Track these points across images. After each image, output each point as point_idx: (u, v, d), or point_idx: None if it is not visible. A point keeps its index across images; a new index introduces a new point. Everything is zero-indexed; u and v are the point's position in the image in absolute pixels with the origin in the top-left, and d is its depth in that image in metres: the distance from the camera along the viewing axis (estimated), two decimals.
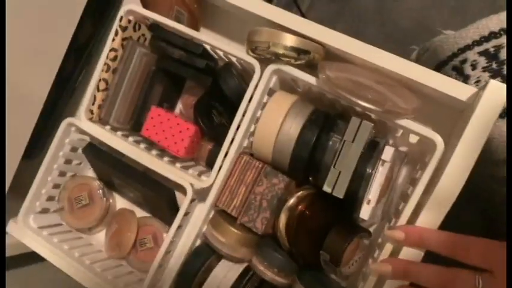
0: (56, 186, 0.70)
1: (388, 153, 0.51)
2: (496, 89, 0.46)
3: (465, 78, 0.61)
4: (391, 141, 0.58)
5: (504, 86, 0.46)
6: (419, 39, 1.32)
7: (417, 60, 0.78)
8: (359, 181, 0.51)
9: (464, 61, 0.61)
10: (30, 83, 0.64)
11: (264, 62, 0.58)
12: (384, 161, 0.51)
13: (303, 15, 1.19)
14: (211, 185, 0.59)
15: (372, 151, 0.51)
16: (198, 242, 0.62)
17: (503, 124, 0.58)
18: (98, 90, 0.63)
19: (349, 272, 0.56)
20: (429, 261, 0.47)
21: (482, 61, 0.60)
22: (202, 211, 0.60)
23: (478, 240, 0.44)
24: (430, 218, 0.49)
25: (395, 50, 0.55)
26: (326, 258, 0.54)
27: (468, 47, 0.61)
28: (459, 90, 0.50)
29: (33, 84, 0.65)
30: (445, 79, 0.51)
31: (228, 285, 0.56)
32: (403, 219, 0.51)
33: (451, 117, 0.56)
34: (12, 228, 0.67)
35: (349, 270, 0.56)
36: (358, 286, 0.54)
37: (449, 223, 0.51)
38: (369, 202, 0.51)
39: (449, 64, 0.64)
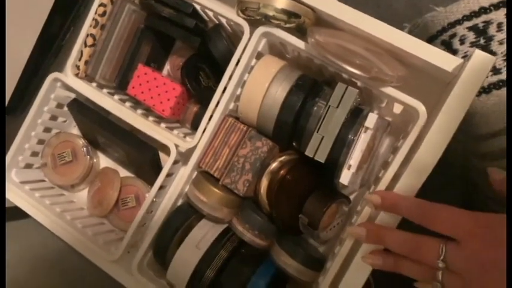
0: (40, 142, 0.69)
1: (371, 120, 0.51)
2: (480, 59, 0.47)
3: (453, 53, 0.61)
4: (375, 111, 0.58)
5: (488, 56, 0.47)
6: (413, 20, 1.32)
7: None
8: (341, 146, 0.52)
9: (453, 36, 0.62)
10: (12, 40, 0.63)
11: (254, 25, 0.57)
12: (366, 128, 0.51)
13: None
14: (195, 146, 0.59)
15: (355, 118, 0.52)
16: (180, 202, 0.63)
17: (486, 99, 0.59)
18: (85, 45, 0.62)
19: (327, 237, 0.57)
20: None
21: (471, 36, 0.60)
22: (185, 172, 0.60)
23: (447, 208, 0.43)
24: (408, 185, 0.50)
25: None
26: (305, 221, 0.55)
27: (458, 22, 0.61)
28: (445, 61, 0.51)
29: (15, 42, 0.64)
30: (431, 49, 0.51)
31: (207, 243, 0.57)
32: (382, 186, 0.52)
33: (436, 89, 0.57)
34: None
35: (327, 234, 0.57)
36: (335, 250, 0.55)
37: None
38: (349, 168, 0.52)
39: (439, 39, 0.64)
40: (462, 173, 0.74)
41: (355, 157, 0.51)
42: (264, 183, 0.58)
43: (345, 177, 0.52)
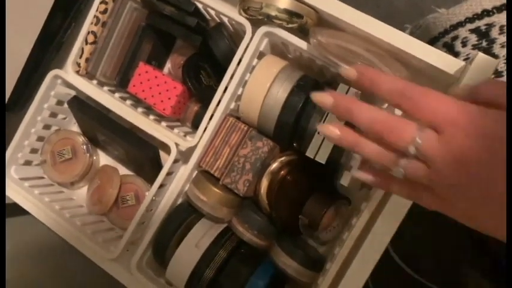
0: (40, 139, 0.69)
1: None
2: (483, 62, 0.47)
3: (455, 55, 0.61)
4: None
5: (491, 59, 0.47)
6: (414, 21, 1.31)
7: None
8: (342, 148, 0.51)
9: (455, 38, 0.62)
10: (13, 37, 0.63)
11: (256, 25, 0.57)
12: None
13: None
14: (196, 145, 0.59)
15: None
16: (180, 201, 0.63)
17: None
18: (86, 43, 0.62)
19: (326, 238, 0.57)
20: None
21: (473, 38, 0.60)
22: (185, 171, 0.60)
23: (431, 92, 0.37)
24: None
25: None
26: (305, 222, 0.55)
27: (460, 24, 0.61)
28: (447, 63, 0.51)
29: (16, 38, 0.63)
30: (433, 51, 0.51)
31: (207, 243, 0.57)
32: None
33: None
34: None
35: (326, 235, 0.57)
36: (335, 251, 0.55)
37: None
38: (350, 169, 0.52)
39: (441, 41, 0.64)
40: None
41: (356, 158, 0.51)
42: (264, 183, 0.57)
43: (346, 178, 0.52)
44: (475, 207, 0.36)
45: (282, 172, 0.58)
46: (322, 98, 0.41)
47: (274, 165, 0.58)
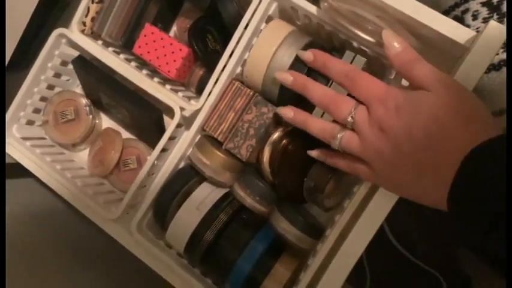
0: (43, 99, 0.69)
1: None
2: (495, 30, 0.46)
3: None
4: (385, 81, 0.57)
5: (503, 27, 0.46)
6: None
7: None
8: None
9: (465, 11, 0.61)
10: None
11: None
12: None
13: None
14: (200, 109, 0.59)
15: None
16: (182, 165, 0.62)
17: (495, 76, 0.58)
18: (93, 1, 0.62)
19: (329, 204, 0.57)
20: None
21: (484, 12, 0.59)
22: (188, 134, 0.60)
23: (368, 76, 0.46)
24: None
25: None
26: (310, 185, 0.55)
27: None
28: (458, 32, 0.50)
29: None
30: (444, 20, 0.50)
31: (207, 207, 0.57)
32: None
33: (446, 63, 0.56)
34: None
35: (330, 202, 0.57)
36: (335, 218, 0.55)
37: None
38: None
39: (451, 14, 0.63)
40: None
41: None
42: (266, 153, 0.57)
43: None
44: (400, 176, 0.43)
45: (284, 141, 0.58)
46: (283, 75, 0.50)
47: (276, 135, 0.58)
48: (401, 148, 0.41)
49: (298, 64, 0.54)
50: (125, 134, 0.71)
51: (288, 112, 0.50)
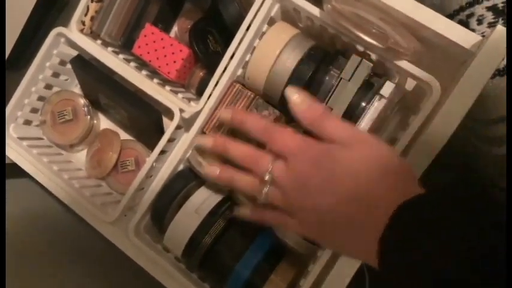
0: (41, 98, 0.68)
1: (387, 88, 0.50)
2: (501, 34, 0.46)
3: None
4: None
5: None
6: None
7: None
8: (352, 113, 0.51)
9: (470, 15, 0.60)
10: None
11: None
12: (381, 96, 0.50)
13: None
14: (200, 111, 0.58)
15: (371, 85, 0.51)
16: (181, 168, 0.62)
17: (500, 82, 0.57)
18: (92, 0, 0.61)
19: None
20: None
21: (489, 16, 0.58)
22: (188, 136, 0.59)
23: (283, 130, 0.46)
24: (417, 161, 0.49)
25: None
26: None
27: (477, 1, 0.59)
28: (463, 37, 0.49)
29: None
30: (449, 23, 0.50)
31: (206, 210, 0.56)
32: None
33: (450, 68, 0.55)
34: None
35: None
36: None
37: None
38: None
39: (455, 18, 0.62)
40: (464, 161, 0.74)
41: (364, 125, 0.50)
42: None
43: None
44: (326, 231, 0.43)
45: None
46: (204, 140, 0.51)
47: None
48: (321, 203, 0.41)
49: (302, 67, 0.53)
50: (123, 135, 0.70)
51: (214, 171, 0.50)
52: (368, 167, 0.40)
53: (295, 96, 0.45)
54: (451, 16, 0.63)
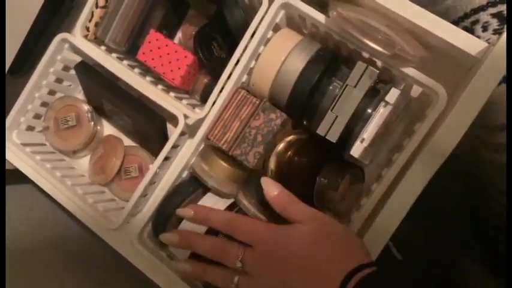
0: (44, 104, 0.67)
1: (393, 95, 0.50)
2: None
3: None
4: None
5: None
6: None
7: None
8: (357, 119, 0.50)
9: (475, 22, 0.60)
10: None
11: None
12: (387, 103, 0.50)
13: None
14: (205, 117, 0.58)
15: (376, 92, 0.51)
16: (185, 175, 0.61)
17: (505, 89, 0.57)
18: (97, 6, 0.60)
19: (341, 208, 0.56)
20: None
21: (495, 23, 0.58)
22: (192, 143, 0.59)
23: (247, 219, 0.52)
24: (422, 170, 0.49)
25: None
26: (323, 183, 0.54)
27: (482, 8, 0.59)
28: (470, 44, 0.49)
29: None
30: (456, 30, 0.50)
31: None
32: (396, 169, 0.51)
33: (456, 75, 0.55)
34: None
35: (342, 205, 0.56)
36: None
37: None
38: (362, 141, 0.51)
39: (460, 25, 0.62)
40: (467, 169, 0.73)
41: (369, 131, 0.50)
42: (272, 163, 0.57)
43: (357, 150, 0.51)
44: None
45: (289, 153, 0.58)
46: (168, 237, 0.55)
47: (281, 146, 0.57)
48: (281, 280, 0.47)
49: (311, 67, 0.53)
50: (127, 141, 0.69)
51: (187, 268, 0.53)
52: (315, 241, 0.47)
53: (269, 184, 0.52)
54: (455, 23, 0.63)
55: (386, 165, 0.54)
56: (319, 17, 0.53)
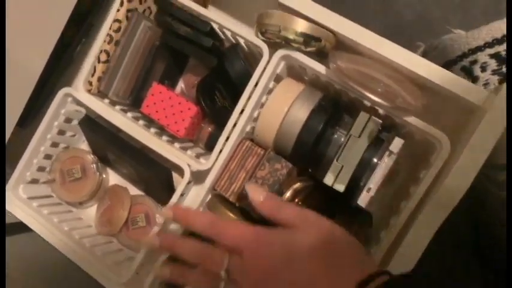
0: (47, 156, 0.68)
1: (397, 144, 0.50)
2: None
3: (473, 80, 0.61)
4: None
5: None
6: (422, 34, 1.31)
7: (424, 57, 0.77)
8: (363, 169, 0.51)
9: (474, 62, 0.61)
10: (27, 54, 0.61)
11: (272, 46, 0.56)
12: (391, 152, 0.51)
13: None
14: (210, 168, 0.58)
15: (380, 141, 0.51)
16: None
17: None
18: (99, 61, 0.61)
19: None
20: None
21: (493, 64, 0.59)
22: (199, 194, 0.59)
23: (233, 224, 0.48)
24: (432, 218, 0.49)
25: (398, 43, 0.53)
26: None
27: (479, 48, 0.60)
28: (470, 91, 0.50)
29: (30, 56, 0.62)
30: (457, 79, 0.50)
31: None
32: (404, 217, 0.51)
33: (456, 115, 0.56)
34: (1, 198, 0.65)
35: None
36: None
37: None
38: (369, 190, 0.51)
39: (458, 64, 0.63)
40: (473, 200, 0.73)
41: (375, 180, 0.50)
42: None
43: (364, 199, 0.51)
44: None
45: (297, 200, 0.57)
46: (150, 240, 0.50)
47: (288, 194, 0.57)
48: None
49: (315, 117, 0.53)
50: (132, 189, 0.70)
51: (165, 272, 0.49)
52: (320, 249, 0.41)
53: (254, 190, 0.47)
54: (454, 61, 0.64)
55: (395, 213, 0.54)
56: (320, 68, 0.54)
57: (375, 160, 0.51)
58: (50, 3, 0.60)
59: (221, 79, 0.62)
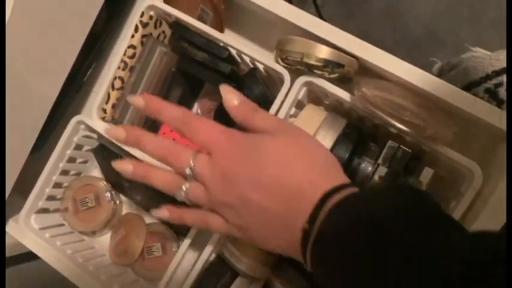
0: (57, 185, 0.65)
1: (426, 175, 0.49)
2: None
3: (499, 103, 0.59)
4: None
5: None
6: (433, 48, 1.29)
7: (440, 75, 0.75)
8: None
9: (499, 85, 0.59)
10: (41, 82, 0.59)
11: (293, 72, 0.55)
12: (420, 182, 0.49)
13: (320, 15, 1.15)
14: None
15: (411, 172, 0.49)
16: (212, 256, 0.59)
17: None
18: (113, 88, 0.59)
19: None
20: None
21: None
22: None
23: (206, 121, 0.44)
24: None
25: (407, 57, 0.52)
26: None
27: (504, 71, 0.59)
28: (502, 119, 0.48)
29: (44, 83, 0.60)
30: (489, 107, 0.49)
31: None
32: None
33: (485, 142, 0.54)
34: (13, 229, 0.63)
35: None
36: None
37: None
38: None
39: (482, 86, 0.61)
40: None
41: None
42: None
43: None
44: (254, 227, 0.41)
45: None
46: (114, 131, 0.46)
47: None
48: (249, 197, 0.40)
49: (340, 146, 0.51)
50: (147, 217, 0.68)
51: (128, 167, 0.46)
52: (297, 156, 0.40)
53: (228, 92, 0.44)
54: (477, 83, 0.62)
55: None
56: (343, 94, 0.52)
57: None
58: (65, 29, 0.59)
59: None
